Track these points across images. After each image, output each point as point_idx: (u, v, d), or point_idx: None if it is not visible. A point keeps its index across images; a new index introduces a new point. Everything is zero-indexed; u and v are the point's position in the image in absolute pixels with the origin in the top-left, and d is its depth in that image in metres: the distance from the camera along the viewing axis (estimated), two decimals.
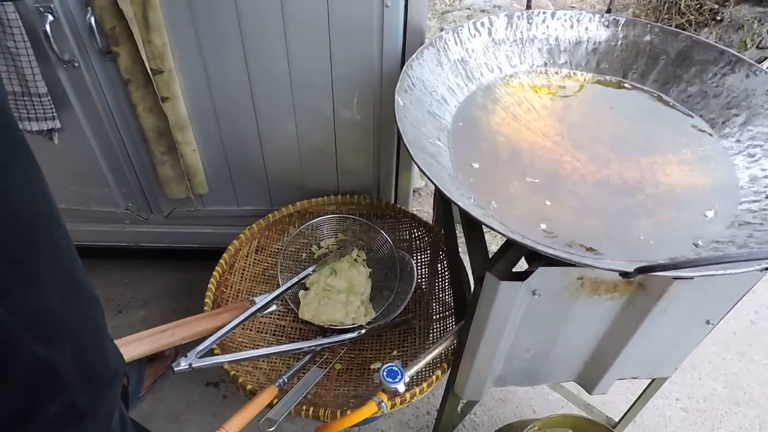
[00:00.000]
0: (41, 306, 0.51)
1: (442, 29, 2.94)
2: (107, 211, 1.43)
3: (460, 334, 1.01)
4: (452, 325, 1.23)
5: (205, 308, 1.17)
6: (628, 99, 1.13)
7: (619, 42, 1.17)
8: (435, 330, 1.25)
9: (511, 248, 0.88)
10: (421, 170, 0.81)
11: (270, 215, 1.34)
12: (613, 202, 0.92)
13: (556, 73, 1.17)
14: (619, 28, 1.17)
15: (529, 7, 1.17)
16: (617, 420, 1.36)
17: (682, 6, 2.78)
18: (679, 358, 1.09)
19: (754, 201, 0.91)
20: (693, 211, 0.91)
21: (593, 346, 0.99)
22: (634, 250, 0.84)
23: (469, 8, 3.07)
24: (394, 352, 1.25)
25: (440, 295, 1.30)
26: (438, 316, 1.27)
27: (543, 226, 0.85)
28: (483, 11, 3.06)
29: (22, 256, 0.48)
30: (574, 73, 1.17)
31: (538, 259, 0.82)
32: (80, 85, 1.14)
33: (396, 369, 0.92)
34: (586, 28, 1.18)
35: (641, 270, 0.65)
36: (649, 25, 1.15)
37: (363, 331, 1.19)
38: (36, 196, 0.51)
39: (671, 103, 1.11)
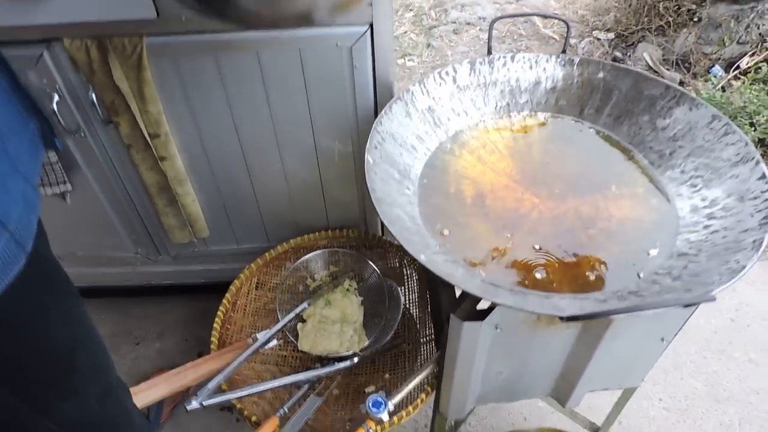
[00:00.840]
0: (81, 412, 0.61)
1: (429, 45, 3.04)
2: (119, 256, 1.55)
3: (439, 362, 1.12)
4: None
5: (212, 347, 1.29)
6: (585, 134, 1.23)
7: (575, 80, 1.26)
8: (423, 353, 1.36)
9: None
10: (385, 225, 0.91)
11: (267, 253, 1.46)
12: (569, 239, 1.02)
13: (519, 112, 1.27)
14: (575, 67, 1.26)
15: (489, 52, 1.27)
16: (599, 424, 1.46)
17: (660, 8, 2.86)
18: (643, 371, 1.18)
19: (693, 231, 1.01)
20: (639, 243, 1.01)
21: (560, 366, 1.10)
22: (585, 284, 0.95)
23: (454, 22, 3.17)
24: (387, 375, 1.36)
25: (427, 320, 1.41)
26: (425, 339, 1.38)
27: (504, 263, 0.96)
28: (468, 24, 3.15)
29: (62, 377, 0.57)
30: (535, 112, 1.27)
31: None
32: (87, 152, 1.26)
33: (380, 399, 1.03)
34: (544, 69, 1.27)
35: (568, 319, 0.75)
36: (601, 63, 1.25)
37: (356, 359, 1.31)
38: (73, 326, 0.59)
39: (624, 137, 1.20)
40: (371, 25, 1.09)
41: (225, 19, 0.94)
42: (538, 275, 0.97)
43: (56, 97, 1.15)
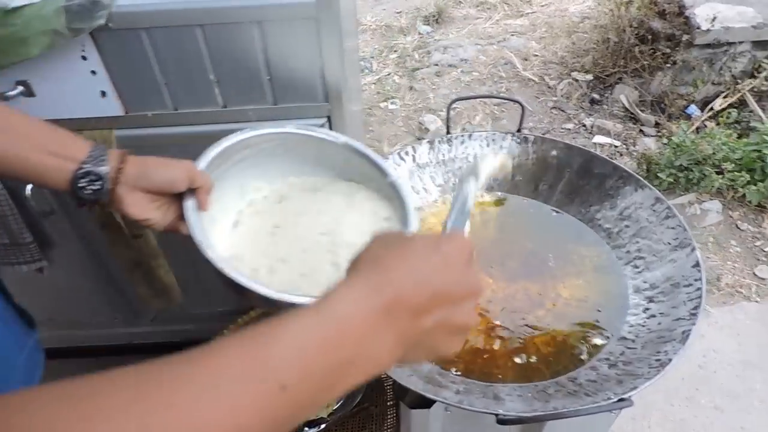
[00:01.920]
0: None
1: (411, 87, 3.12)
2: (98, 321, 1.60)
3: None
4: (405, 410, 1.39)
5: None
6: (538, 213, 1.29)
7: (530, 157, 1.33)
8: (390, 416, 1.41)
9: None
10: None
11: (240, 319, 1.51)
12: (517, 321, 1.08)
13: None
14: (529, 145, 1.32)
15: (448, 132, 1.34)
16: None
17: (636, 52, 2.94)
18: None
19: (634, 314, 1.07)
20: (583, 325, 1.07)
21: None
22: (530, 372, 1.00)
23: (437, 64, 3.25)
24: None
25: (391, 381, 1.45)
26: (391, 402, 1.43)
27: None
28: (451, 66, 3.23)
29: None
30: (492, 187, 1.33)
31: None
32: (62, 231, 1.32)
33: None
34: (501, 146, 1.34)
35: (500, 422, 0.80)
36: (554, 141, 1.31)
37: (323, 426, 1.35)
38: None
39: (575, 215, 1.26)
40: (329, 117, 1.15)
41: None
42: (484, 360, 1.02)
43: (29, 186, 1.21)
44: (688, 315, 0.97)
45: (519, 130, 1.33)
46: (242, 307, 1.57)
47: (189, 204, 0.81)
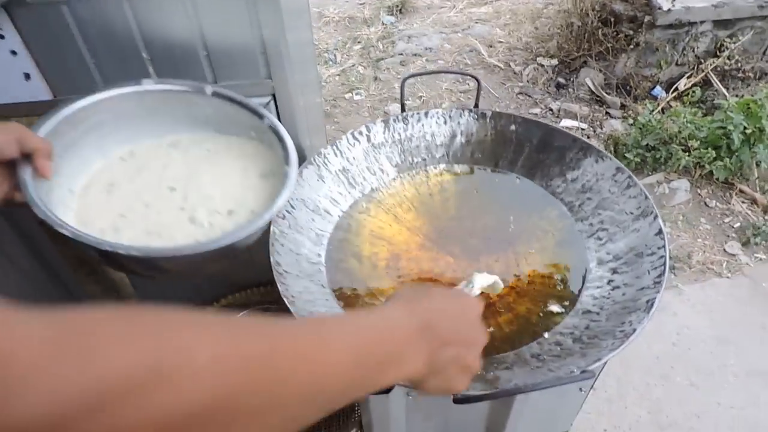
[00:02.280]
0: None
1: (376, 78, 3.07)
2: None
3: (361, 423, 1.12)
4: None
5: None
6: (499, 188, 1.24)
7: (489, 133, 1.28)
8: (356, 413, 1.36)
9: None
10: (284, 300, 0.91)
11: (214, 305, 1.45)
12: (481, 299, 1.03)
13: (435, 167, 1.28)
14: (487, 120, 1.28)
15: (403, 109, 1.29)
16: None
17: (600, 35, 2.92)
18: (570, 417, 1.20)
19: (598, 287, 1.03)
20: (545, 300, 1.03)
21: (483, 423, 1.10)
22: (493, 352, 0.96)
23: (401, 54, 3.20)
24: None
25: None
26: None
27: None
28: (415, 55, 3.19)
29: None
30: (452, 166, 1.29)
31: None
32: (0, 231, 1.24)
33: None
34: (459, 123, 1.29)
35: (457, 401, 0.76)
36: (512, 116, 1.27)
37: None
38: None
39: (537, 190, 1.22)
40: (273, 96, 1.09)
41: None
42: None
43: None
44: (652, 284, 0.94)
45: (476, 106, 1.29)
46: (198, 300, 1.51)
47: (25, 171, 0.77)
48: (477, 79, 1.28)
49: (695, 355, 1.93)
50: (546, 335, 0.97)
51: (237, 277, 1.48)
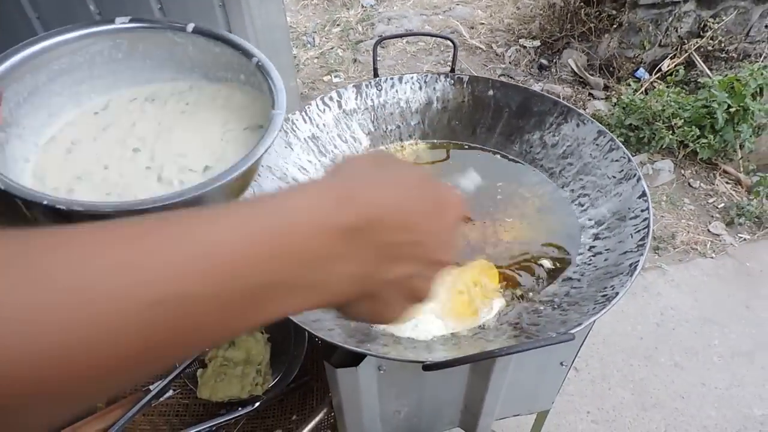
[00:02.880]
0: None
1: (355, 60, 3.00)
2: None
3: (331, 404, 1.06)
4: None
5: (98, 404, 1.20)
6: (477, 157, 1.19)
7: (466, 98, 1.23)
8: (330, 394, 1.30)
9: None
10: None
11: None
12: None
13: (410, 136, 1.23)
14: (464, 86, 1.23)
15: (376, 75, 1.23)
16: None
17: (582, 15, 2.88)
18: (551, 394, 1.15)
19: (579, 253, 0.98)
20: (526, 268, 0.97)
21: (460, 399, 1.05)
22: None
23: (381, 36, 3.13)
24: (294, 417, 1.29)
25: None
26: None
27: None
28: (394, 38, 3.12)
29: None
30: (427, 134, 1.23)
31: None
32: None
33: None
34: (434, 89, 1.23)
35: (426, 367, 0.70)
36: (490, 80, 1.21)
37: (258, 404, 1.23)
38: None
39: (517, 156, 1.17)
40: None
41: None
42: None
43: None
44: (635, 247, 0.89)
45: (452, 71, 1.23)
46: None
47: None
48: (453, 42, 1.22)
49: (679, 335, 1.89)
50: (525, 303, 0.91)
51: None
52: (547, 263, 0.98)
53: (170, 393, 1.24)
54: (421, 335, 0.87)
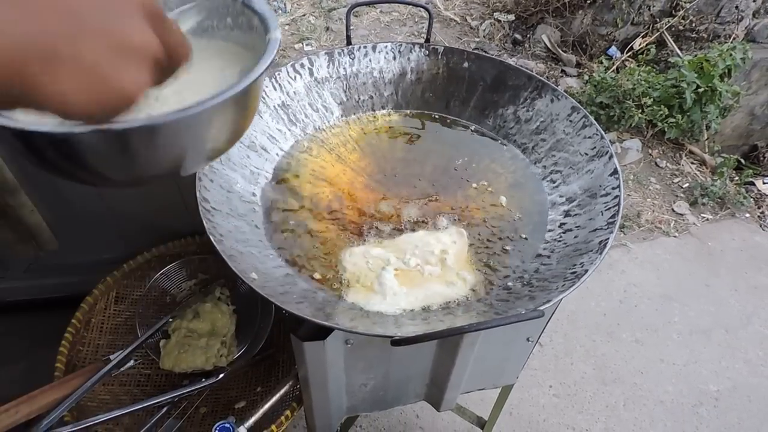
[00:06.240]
0: None
1: (328, 28, 2.93)
2: None
3: (297, 376, 1.05)
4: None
5: (56, 374, 1.16)
6: (450, 132, 1.17)
7: (440, 70, 1.20)
8: (296, 366, 1.29)
9: None
10: (210, 237, 0.82)
11: (125, 264, 1.34)
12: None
13: (383, 107, 1.20)
14: (439, 57, 1.20)
15: (349, 42, 1.19)
16: (486, 418, 1.44)
17: None
18: (516, 369, 1.16)
19: (549, 230, 0.98)
20: (496, 244, 0.97)
21: (427, 373, 1.05)
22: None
23: (355, 2, 3.06)
24: (258, 389, 1.28)
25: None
26: None
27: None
28: (368, 4, 3.06)
29: None
30: (400, 105, 1.20)
31: None
32: None
33: (228, 426, 0.95)
34: (409, 59, 1.21)
35: (395, 342, 0.69)
36: (465, 53, 1.19)
37: (222, 375, 1.22)
38: None
39: (490, 130, 1.16)
40: None
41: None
42: None
43: None
44: (605, 224, 0.89)
45: (427, 41, 1.20)
46: (127, 253, 1.39)
47: None
48: (429, 11, 1.19)
49: (641, 312, 1.93)
50: (493, 279, 0.91)
51: (171, 226, 1.38)
52: (517, 239, 0.97)
53: (131, 363, 1.21)
54: (389, 309, 0.86)
